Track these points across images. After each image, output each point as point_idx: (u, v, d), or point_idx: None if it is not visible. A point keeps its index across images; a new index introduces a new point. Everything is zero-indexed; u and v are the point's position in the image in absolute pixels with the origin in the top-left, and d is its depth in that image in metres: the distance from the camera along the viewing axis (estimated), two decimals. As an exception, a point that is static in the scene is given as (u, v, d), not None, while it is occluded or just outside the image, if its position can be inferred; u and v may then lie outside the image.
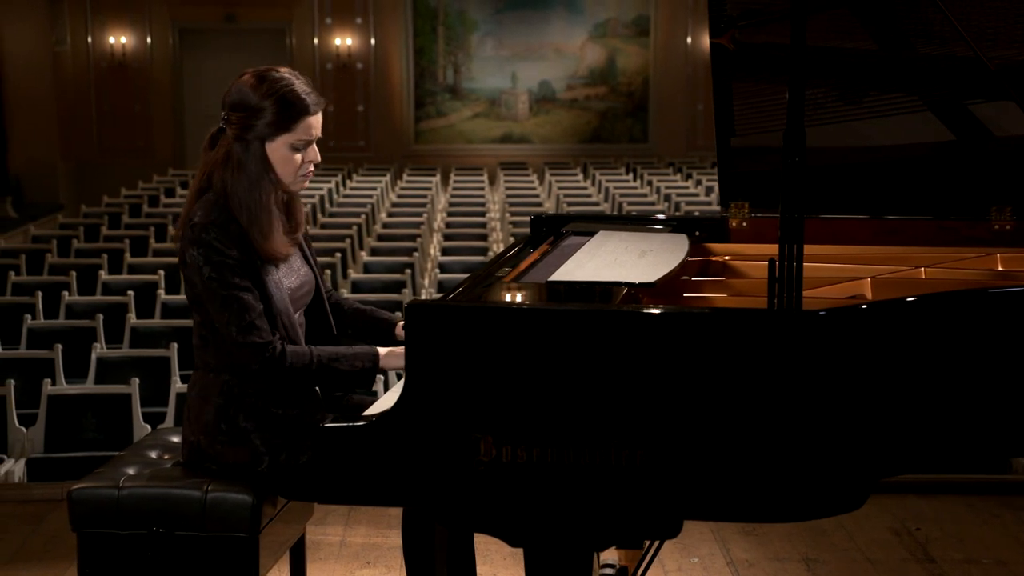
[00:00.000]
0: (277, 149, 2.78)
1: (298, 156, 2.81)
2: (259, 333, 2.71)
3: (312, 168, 2.86)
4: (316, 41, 17.79)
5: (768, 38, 3.45)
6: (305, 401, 2.81)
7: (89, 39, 17.52)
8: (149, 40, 17.65)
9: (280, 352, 2.72)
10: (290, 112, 2.77)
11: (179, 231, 2.80)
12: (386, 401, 2.76)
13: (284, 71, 2.82)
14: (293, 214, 2.91)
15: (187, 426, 2.86)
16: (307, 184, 2.90)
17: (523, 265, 3.08)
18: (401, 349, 2.66)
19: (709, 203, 11.96)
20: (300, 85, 2.80)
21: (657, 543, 3.03)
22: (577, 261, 3.06)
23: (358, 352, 2.79)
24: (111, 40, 17.54)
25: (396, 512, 3.07)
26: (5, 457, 5.20)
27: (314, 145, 2.84)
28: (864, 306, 2.54)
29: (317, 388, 2.89)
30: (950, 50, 3.35)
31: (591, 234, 3.44)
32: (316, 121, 2.81)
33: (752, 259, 3.37)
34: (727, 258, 3.43)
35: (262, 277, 2.77)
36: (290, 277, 2.88)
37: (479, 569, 3.80)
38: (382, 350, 2.82)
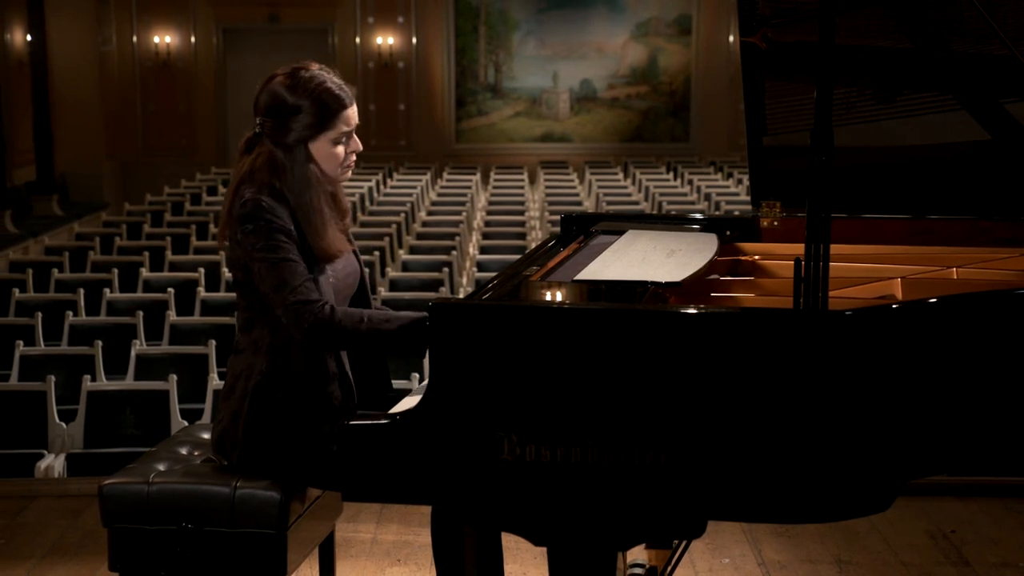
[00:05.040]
0: (321, 147, 2.80)
1: (340, 149, 2.83)
2: (308, 292, 2.69)
3: (355, 156, 2.88)
4: (358, 40, 17.85)
5: (800, 37, 3.43)
6: (342, 389, 2.79)
7: (134, 39, 17.68)
8: (193, 40, 17.78)
9: (331, 310, 2.69)
10: (328, 110, 2.78)
11: (223, 220, 2.81)
12: (411, 400, 2.77)
13: (314, 67, 2.83)
14: (339, 202, 2.91)
15: (223, 407, 2.86)
16: (351, 173, 2.91)
17: (551, 264, 3.08)
18: None
19: (750, 203, 11.86)
20: (332, 80, 2.81)
21: (685, 542, 3.02)
22: (604, 260, 3.05)
23: (410, 314, 2.75)
24: (156, 40, 17.69)
25: (428, 510, 3.08)
26: (45, 452, 5.27)
27: (354, 134, 2.86)
28: (892, 306, 2.53)
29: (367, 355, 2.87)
30: (986, 48, 3.32)
31: (620, 233, 3.43)
32: (353, 112, 2.83)
33: (781, 259, 3.35)
34: (757, 258, 3.41)
35: (310, 262, 2.76)
36: (336, 262, 2.85)
37: (509, 568, 3.81)
38: None
